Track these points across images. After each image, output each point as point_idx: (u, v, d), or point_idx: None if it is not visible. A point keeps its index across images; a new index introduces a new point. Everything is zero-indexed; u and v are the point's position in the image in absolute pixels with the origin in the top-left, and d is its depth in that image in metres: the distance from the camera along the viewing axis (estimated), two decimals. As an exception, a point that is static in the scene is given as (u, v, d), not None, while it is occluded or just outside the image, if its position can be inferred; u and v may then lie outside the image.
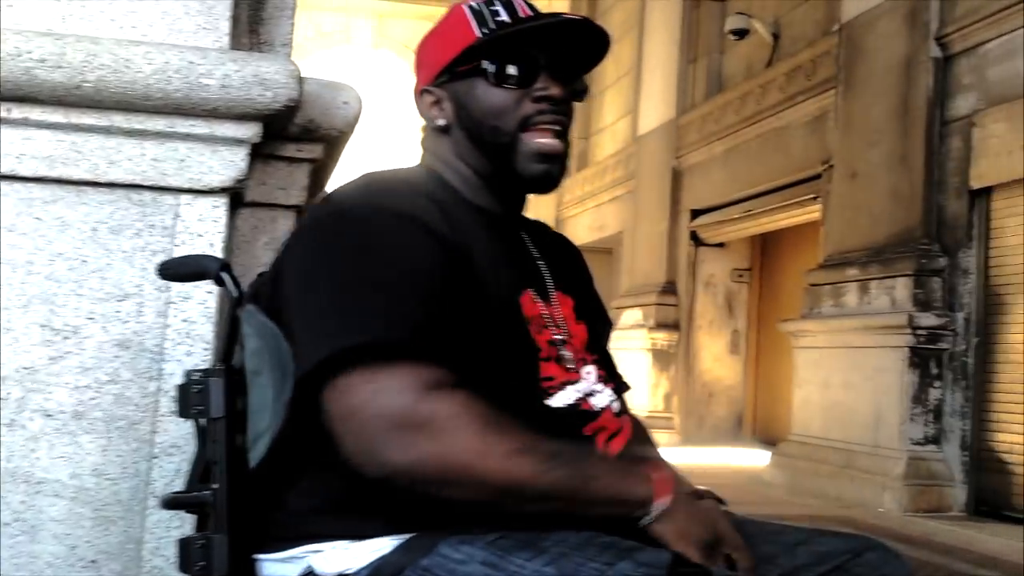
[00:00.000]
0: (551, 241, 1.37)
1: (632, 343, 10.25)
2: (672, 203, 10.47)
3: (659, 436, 5.67)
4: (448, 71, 1.24)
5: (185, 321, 1.48)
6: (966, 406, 5.78)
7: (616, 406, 1.25)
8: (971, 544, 4.79)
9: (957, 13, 6.12)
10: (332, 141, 1.66)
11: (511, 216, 1.30)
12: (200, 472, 1.17)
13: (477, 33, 1.21)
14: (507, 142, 1.21)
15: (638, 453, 1.25)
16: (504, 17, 1.22)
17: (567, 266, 1.35)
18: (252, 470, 1.13)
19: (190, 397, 1.17)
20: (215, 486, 1.13)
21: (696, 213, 10.16)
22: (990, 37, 5.84)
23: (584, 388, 1.20)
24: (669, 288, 10.46)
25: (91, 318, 1.45)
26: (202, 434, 1.18)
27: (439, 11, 1.29)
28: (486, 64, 1.21)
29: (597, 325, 1.32)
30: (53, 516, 1.41)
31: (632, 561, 0.97)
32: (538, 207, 13.39)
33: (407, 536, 1.05)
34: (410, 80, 1.34)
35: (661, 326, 10.32)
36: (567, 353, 1.21)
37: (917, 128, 6.29)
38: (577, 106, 1.30)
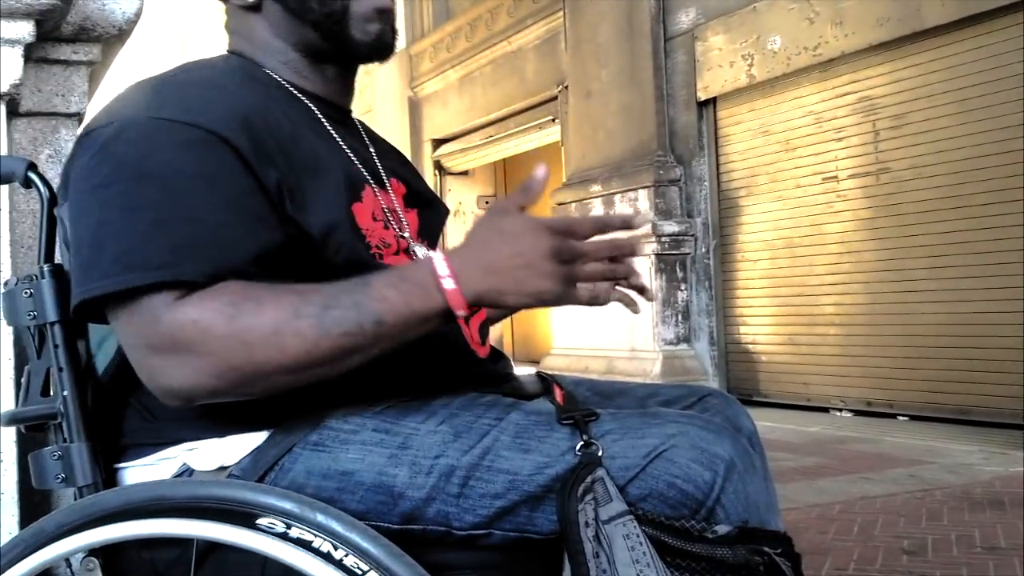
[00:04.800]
0: (368, 128, 1.29)
1: (387, 279, 10.15)
2: (412, 134, 10.37)
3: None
4: None
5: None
6: (711, 305, 6.24)
7: None
8: (730, 430, 5.21)
9: (670, -69, 6.40)
10: (110, 41, 1.54)
11: (342, 98, 1.20)
12: (42, 384, 1.08)
13: None
14: (339, 7, 1.10)
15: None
16: None
17: (393, 152, 1.29)
18: (103, 374, 1.07)
19: (19, 303, 1.07)
20: (65, 394, 1.05)
21: (438, 143, 10.14)
22: (702, -46, 6.16)
23: None
24: (418, 220, 10.44)
25: None
26: (40, 343, 1.08)
27: None
28: None
29: (428, 213, 1.27)
30: None
31: (520, 412, 1.01)
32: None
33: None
34: None
35: (414, 259, 10.30)
36: (417, 248, 1.16)
37: (643, 45, 6.57)
38: None
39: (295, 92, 1.12)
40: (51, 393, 1.08)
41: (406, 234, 1.16)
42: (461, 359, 1.14)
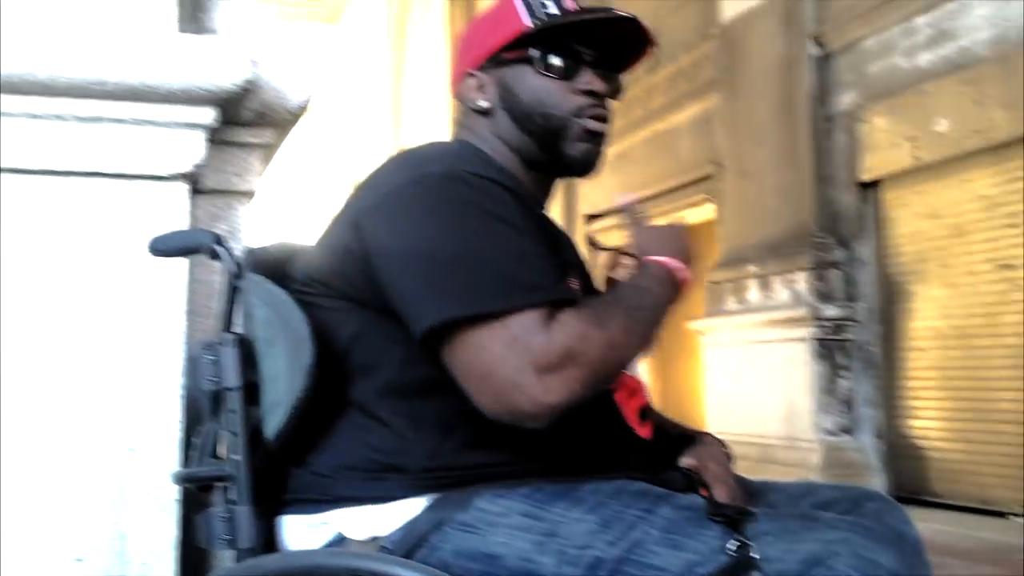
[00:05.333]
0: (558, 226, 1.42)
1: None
2: (566, 209, 10.49)
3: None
4: (495, 57, 1.27)
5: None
6: (876, 395, 5.92)
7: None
8: (894, 529, 4.87)
9: (832, 12, 6.30)
10: (283, 125, 1.66)
11: (542, 200, 1.35)
12: (211, 446, 1.16)
13: (528, 23, 1.25)
14: (558, 125, 1.26)
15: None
16: (553, 9, 1.26)
17: (572, 251, 1.40)
18: (270, 440, 1.13)
19: (202, 368, 1.16)
20: (236, 457, 1.11)
21: (591, 218, 10.22)
22: (866, 34, 6.03)
23: None
24: (569, 296, 10.49)
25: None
26: (215, 407, 1.16)
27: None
28: (533, 52, 1.25)
29: None
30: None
31: (671, 506, 1.01)
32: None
33: (437, 495, 1.06)
34: (450, 63, 1.41)
35: (564, 335, 10.33)
36: None
37: (802, 125, 6.45)
38: None
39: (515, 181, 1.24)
40: (220, 455, 1.14)
41: None
42: (621, 440, 1.13)
